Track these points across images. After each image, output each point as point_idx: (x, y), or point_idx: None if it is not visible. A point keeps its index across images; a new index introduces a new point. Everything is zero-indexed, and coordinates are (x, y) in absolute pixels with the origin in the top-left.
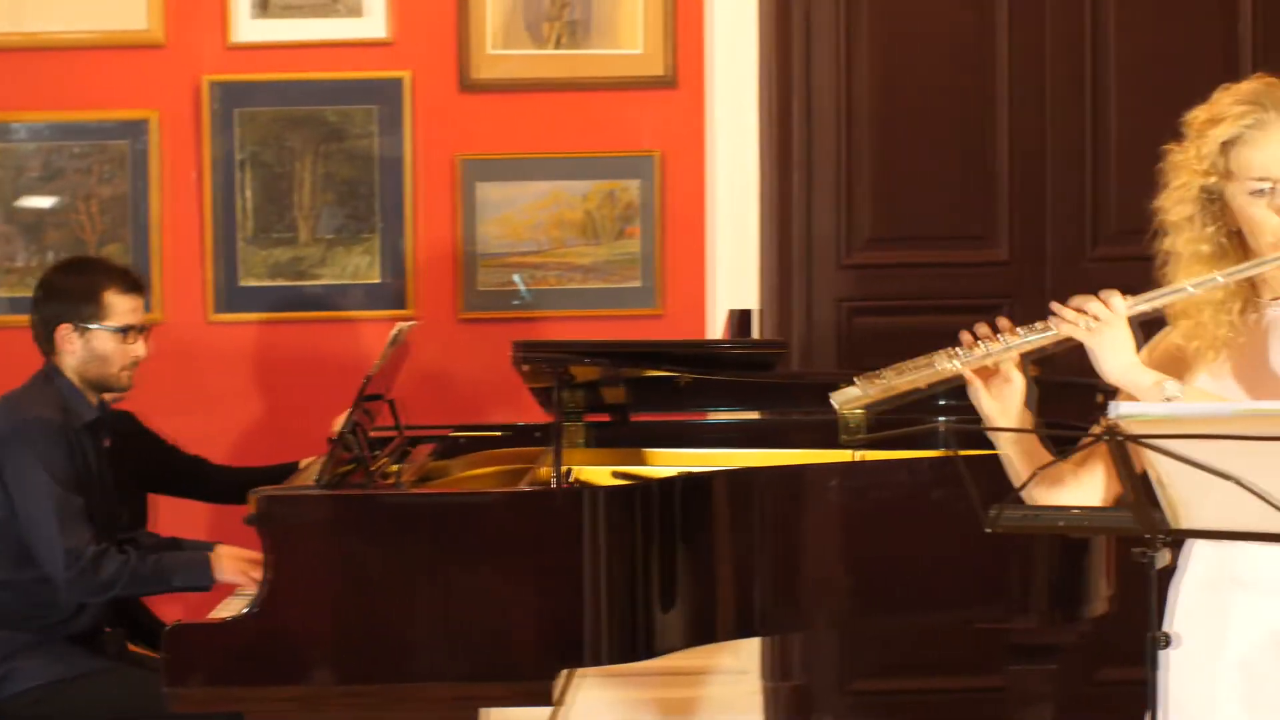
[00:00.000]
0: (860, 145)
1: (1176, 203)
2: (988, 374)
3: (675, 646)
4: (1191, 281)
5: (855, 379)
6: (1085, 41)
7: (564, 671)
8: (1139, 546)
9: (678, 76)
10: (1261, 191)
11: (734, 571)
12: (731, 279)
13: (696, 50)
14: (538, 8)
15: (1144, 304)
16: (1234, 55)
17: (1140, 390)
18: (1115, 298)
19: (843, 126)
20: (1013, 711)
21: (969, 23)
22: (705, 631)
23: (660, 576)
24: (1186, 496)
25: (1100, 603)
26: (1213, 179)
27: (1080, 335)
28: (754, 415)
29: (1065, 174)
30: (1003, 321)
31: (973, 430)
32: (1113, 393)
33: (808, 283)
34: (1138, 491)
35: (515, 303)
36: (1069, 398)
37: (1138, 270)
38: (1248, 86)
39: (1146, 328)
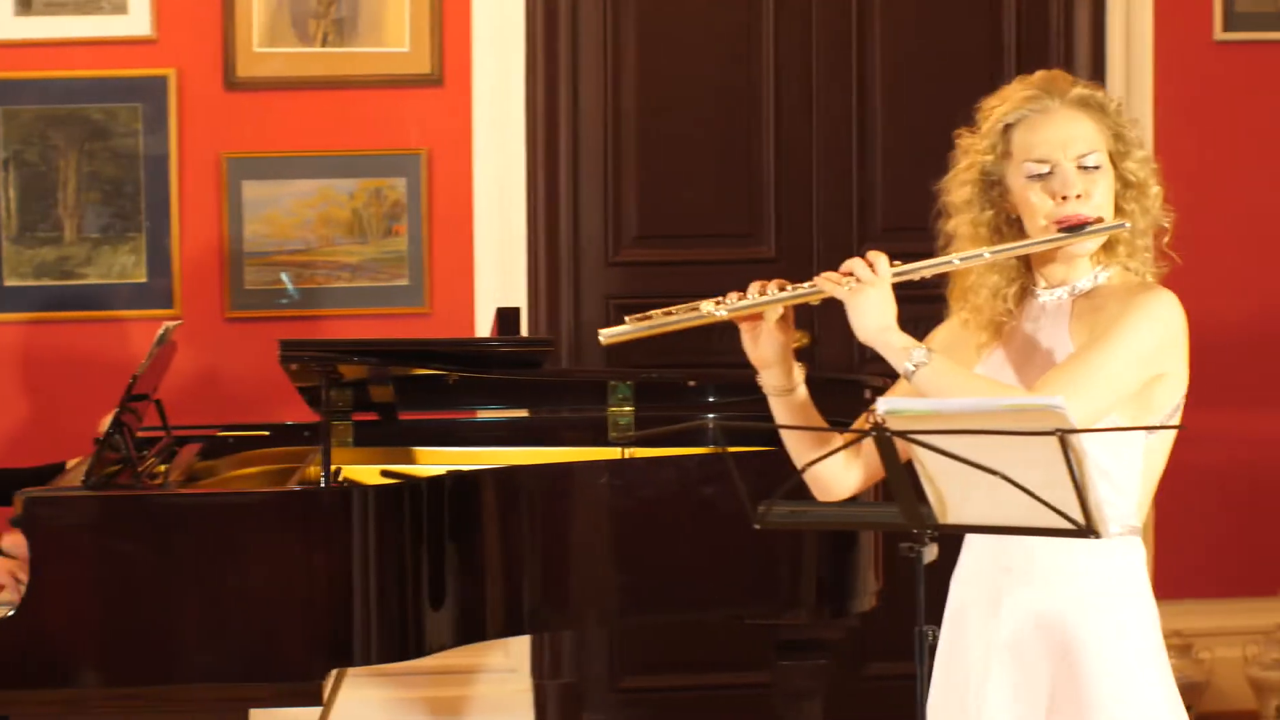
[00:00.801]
0: (627, 143)
1: (959, 185)
2: (753, 324)
3: (445, 645)
4: (958, 255)
5: (625, 318)
6: (851, 40)
7: (334, 671)
8: (906, 541)
9: (444, 74)
10: (1038, 175)
11: (503, 570)
12: (499, 277)
13: (463, 48)
14: (304, 5)
15: (909, 272)
16: (998, 54)
17: (889, 352)
18: (881, 261)
19: (609, 124)
20: (782, 707)
21: (736, 22)
22: (475, 630)
23: (430, 575)
24: (952, 491)
25: (868, 598)
26: (993, 160)
27: (840, 294)
28: (523, 413)
29: (832, 172)
30: (775, 282)
31: (741, 428)
32: (880, 389)
33: (575, 281)
34: (904, 487)
35: (283, 301)
36: (836, 393)
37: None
38: (1038, 75)
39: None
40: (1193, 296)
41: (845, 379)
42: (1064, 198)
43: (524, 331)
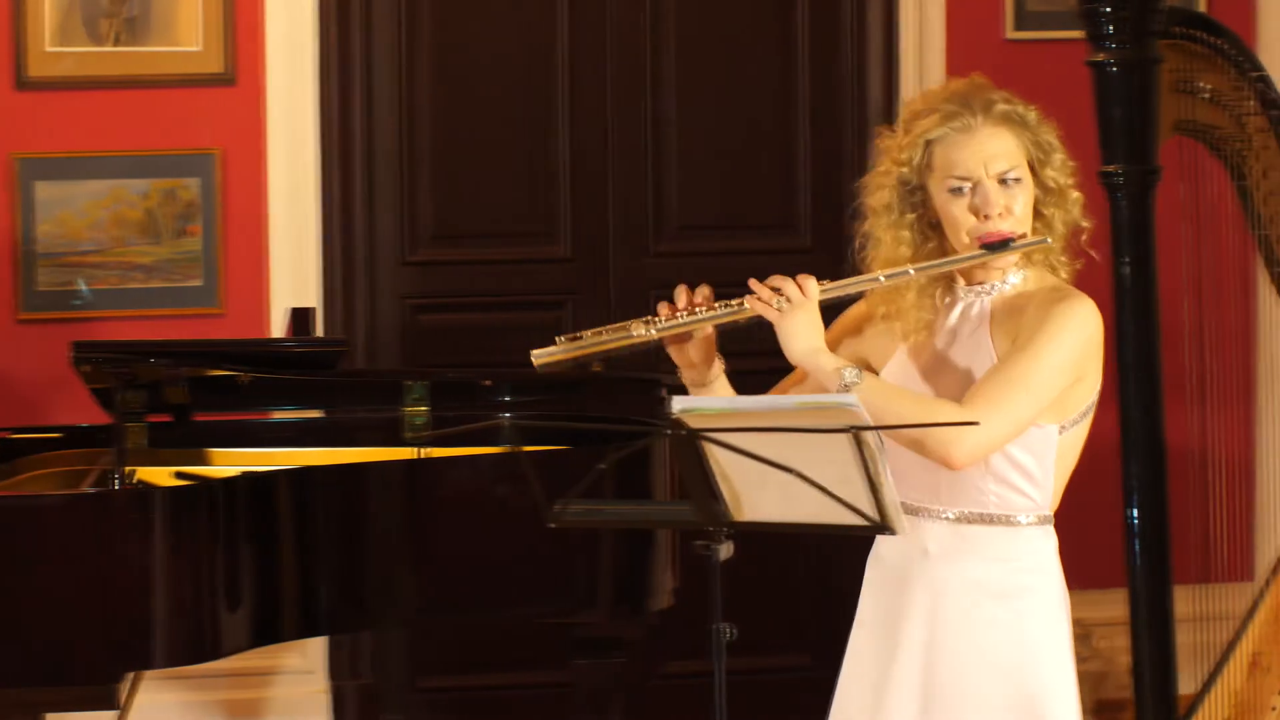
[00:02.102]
0: (421, 142)
1: (877, 188)
2: (682, 342)
3: (242, 647)
4: (885, 273)
5: (556, 338)
6: (645, 38)
7: (130, 674)
8: (701, 539)
9: (237, 74)
10: (960, 190)
11: (299, 571)
12: (293, 277)
13: (256, 47)
14: (95, 4)
15: (837, 290)
16: (791, 52)
17: (821, 374)
18: (810, 282)
19: (404, 123)
20: (579, 706)
21: (530, 21)
22: (272, 631)
23: (225, 577)
24: (747, 489)
25: (664, 596)
26: (914, 172)
27: (770, 315)
28: (318, 414)
29: (627, 171)
30: (703, 292)
31: (536, 426)
32: (677, 389)
33: (370, 281)
34: (699, 485)
35: (76, 303)
36: (634, 392)
37: (700, 264)
38: (959, 86)
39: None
40: None
41: (641, 378)
42: (986, 216)
43: (318, 332)
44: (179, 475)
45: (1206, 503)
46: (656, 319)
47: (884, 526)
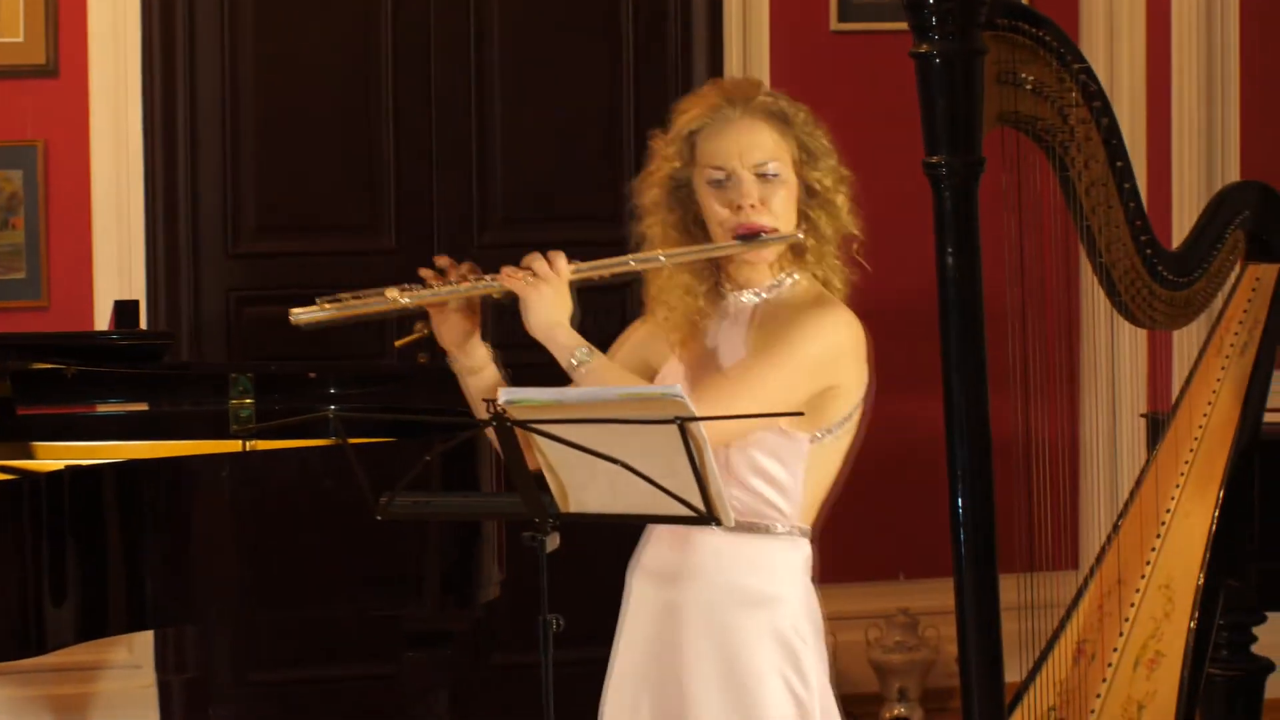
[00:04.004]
0: (246, 134)
1: (648, 187)
2: (442, 315)
3: (67, 641)
4: (634, 256)
5: (316, 299)
6: (469, 27)
7: None
8: (528, 531)
9: (60, 65)
10: (718, 182)
11: (125, 564)
12: (118, 270)
13: (79, 38)
14: None
15: (588, 270)
16: (616, 44)
17: (555, 348)
18: (560, 260)
19: (228, 115)
20: (409, 698)
21: (354, 12)
22: (97, 626)
23: (50, 571)
24: (573, 480)
25: (492, 588)
26: (679, 166)
27: (518, 288)
28: (143, 407)
29: (452, 163)
30: (465, 266)
31: (361, 418)
32: (506, 380)
33: (195, 273)
34: (525, 476)
35: None
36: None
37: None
38: (728, 81)
39: None
40: None
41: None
42: (739, 206)
43: (143, 325)
44: (1, 469)
45: (1032, 492)
46: (414, 287)
47: (711, 517)
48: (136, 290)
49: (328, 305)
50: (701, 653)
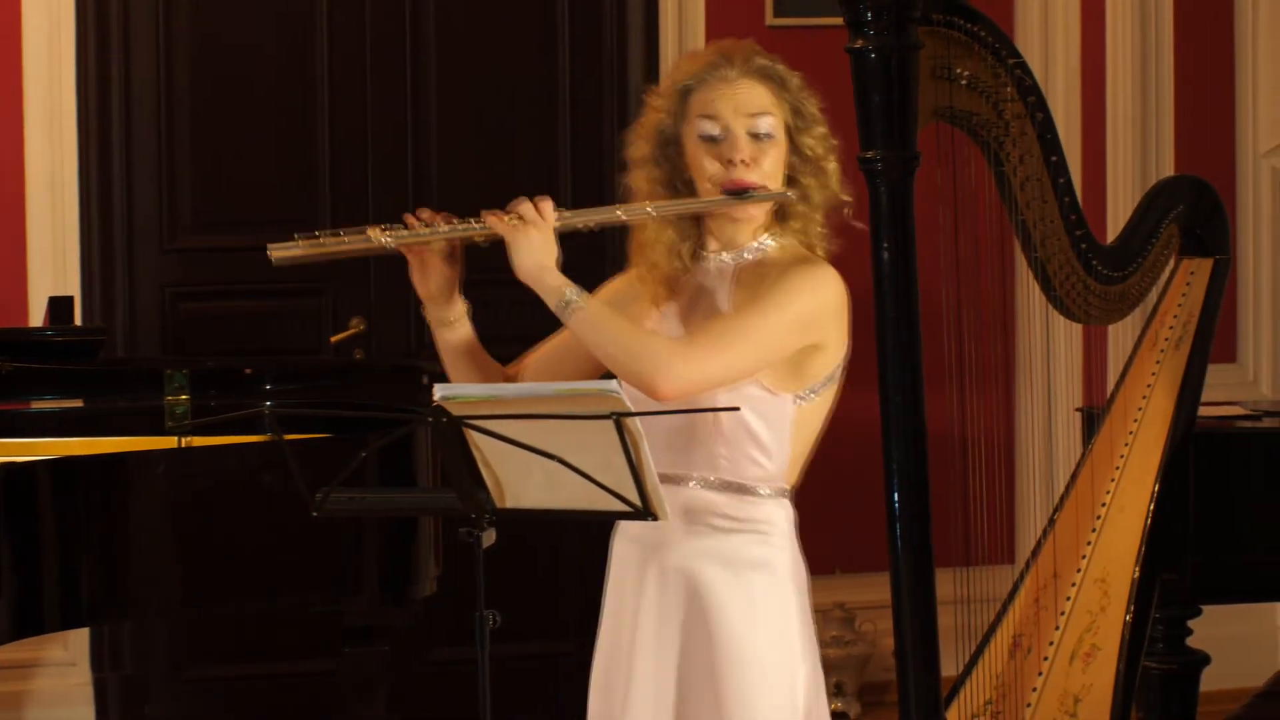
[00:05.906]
0: (181, 129)
1: (637, 140)
2: (420, 255)
3: (1, 639)
4: (622, 208)
5: (295, 235)
6: (405, 20)
7: None
8: (465, 526)
9: None
10: (711, 137)
11: (60, 562)
12: (53, 266)
13: (13, 34)
14: None
15: (574, 219)
16: (551, 36)
17: (544, 291)
18: (547, 205)
19: (162, 111)
20: (346, 694)
21: (290, 9)
22: (32, 623)
23: None
24: (510, 476)
25: (428, 583)
26: (669, 121)
27: (503, 230)
28: (78, 403)
29: (387, 158)
30: (442, 215)
31: (298, 414)
32: (438, 376)
33: (130, 269)
34: (461, 472)
35: None
36: (396, 380)
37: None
38: (726, 42)
39: None
40: None
41: (403, 365)
42: (730, 162)
43: (78, 321)
44: None
45: (967, 486)
46: (396, 228)
47: (646, 512)
48: (71, 286)
49: (305, 243)
50: (688, 615)
